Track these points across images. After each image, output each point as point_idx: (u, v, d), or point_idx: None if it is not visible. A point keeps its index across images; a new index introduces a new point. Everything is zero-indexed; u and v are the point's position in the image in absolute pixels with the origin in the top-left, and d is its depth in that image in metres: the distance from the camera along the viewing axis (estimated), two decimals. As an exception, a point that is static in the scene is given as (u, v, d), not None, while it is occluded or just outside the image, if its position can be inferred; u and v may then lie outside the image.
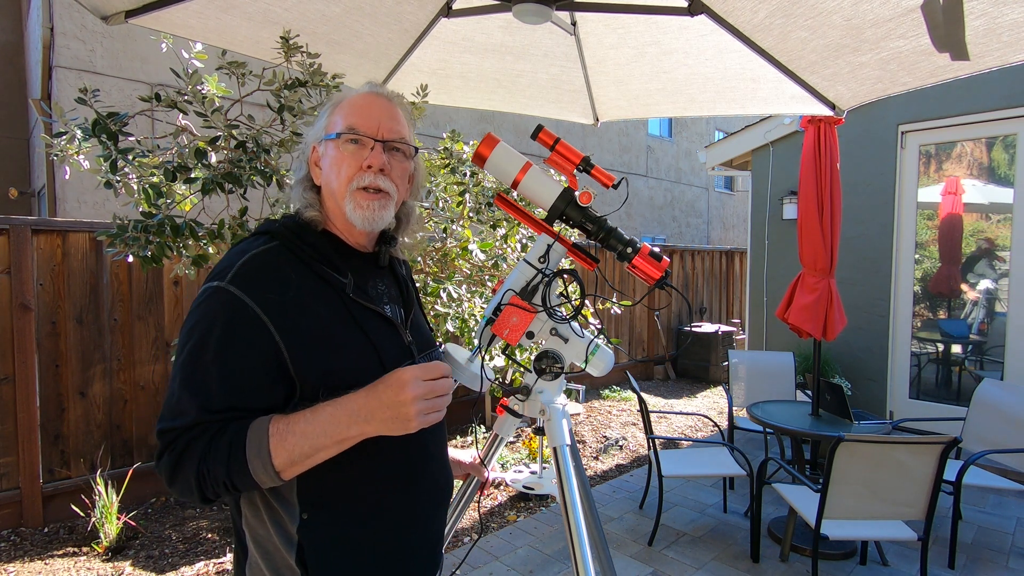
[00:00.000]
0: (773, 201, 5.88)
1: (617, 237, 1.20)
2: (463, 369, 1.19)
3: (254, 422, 0.89)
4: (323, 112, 1.09)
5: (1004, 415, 3.33)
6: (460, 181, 3.03)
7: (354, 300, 1.02)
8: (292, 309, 0.94)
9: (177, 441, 0.88)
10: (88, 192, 6.67)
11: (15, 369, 3.30)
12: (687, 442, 5.04)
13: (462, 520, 1.66)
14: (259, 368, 0.91)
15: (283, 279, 0.96)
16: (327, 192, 1.05)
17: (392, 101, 1.08)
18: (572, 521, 1.13)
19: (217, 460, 0.87)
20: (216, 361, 0.89)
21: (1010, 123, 4.49)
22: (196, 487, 0.88)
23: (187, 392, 0.89)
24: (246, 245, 1.01)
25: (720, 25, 1.88)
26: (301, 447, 0.88)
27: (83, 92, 1.89)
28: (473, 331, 3.14)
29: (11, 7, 8.80)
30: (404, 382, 0.89)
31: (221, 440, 0.88)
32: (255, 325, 0.91)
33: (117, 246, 2.01)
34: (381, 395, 0.90)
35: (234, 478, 0.87)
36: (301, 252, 1.00)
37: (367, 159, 1.02)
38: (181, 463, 0.88)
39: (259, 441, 0.87)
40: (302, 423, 0.89)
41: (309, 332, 0.95)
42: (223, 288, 0.92)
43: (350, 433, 0.90)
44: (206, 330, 0.91)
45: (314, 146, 1.08)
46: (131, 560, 3.05)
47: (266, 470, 0.87)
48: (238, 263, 0.95)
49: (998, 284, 4.79)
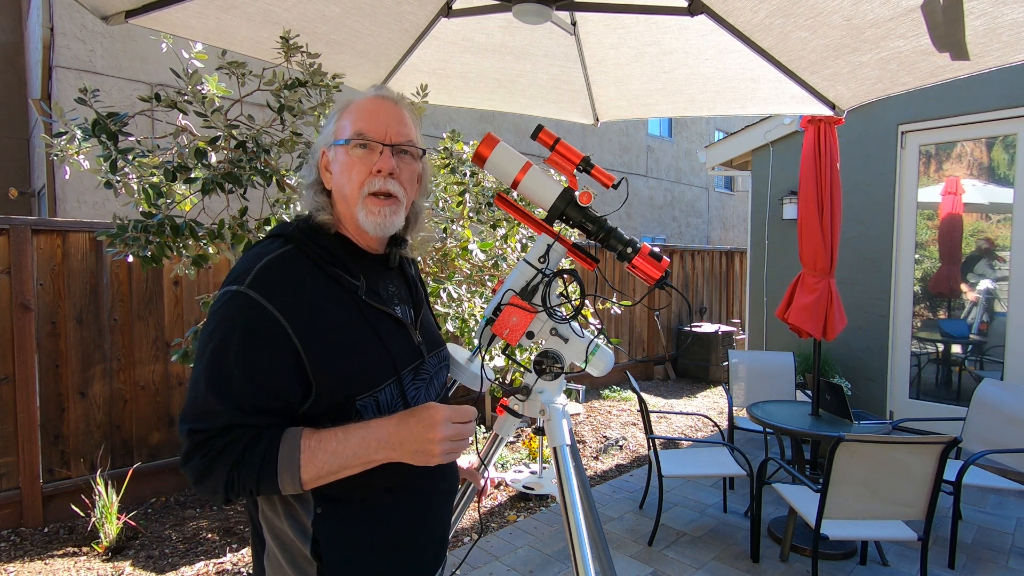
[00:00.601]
0: (773, 201, 5.88)
1: (617, 237, 1.20)
2: (463, 369, 1.19)
3: (286, 433, 0.93)
4: (331, 117, 1.10)
5: (1004, 415, 3.33)
6: (460, 181, 3.03)
7: (366, 303, 1.04)
8: (308, 312, 0.96)
9: (211, 443, 0.90)
10: (88, 192, 6.66)
11: (15, 369, 3.30)
12: (687, 442, 5.03)
13: (462, 520, 1.66)
14: (280, 369, 0.94)
15: (299, 282, 0.98)
16: (338, 196, 1.07)
17: (399, 104, 1.09)
18: (572, 521, 1.13)
19: (250, 468, 0.90)
20: (239, 363, 0.91)
21: (1010, 123, 4.49)
22: (223, 490, 0.92)
23: (213, 393, 0.91)
24: (262, 249, 1.03)
25: (720, 25, 1.88)
26: (330, 465, 0.92)
27: (83, 92, 1.89)
28: (473, 331, 3.14)
29: (11, 7, 8.80)
30: (436, 422, 0.94)
31: (255, 450, 0.91)
32: (274, 328, 0.93)
33: (117, 246, 2.01)
34: (412, 428, 0.94)
35: (261, 485, 0.92)
36: (315, 255, 1.02)
37: (377, 164, 1.04)
38: (214, 466, 0.90)
39: (291, 455, 0.91)
40: (333, 442, 0.93)
41: (325, 335, 0.97)
42: (242, 292, 0.94)
43: (376, 457, 0.95)
44: (227, 333, 0.93)
45: (323, 151, 1.09)
46: (131, 560, 3.05)
47: (293, 482, 0.91)
48: (256, 267, 0.97)
49: (998, 284, 4.79)
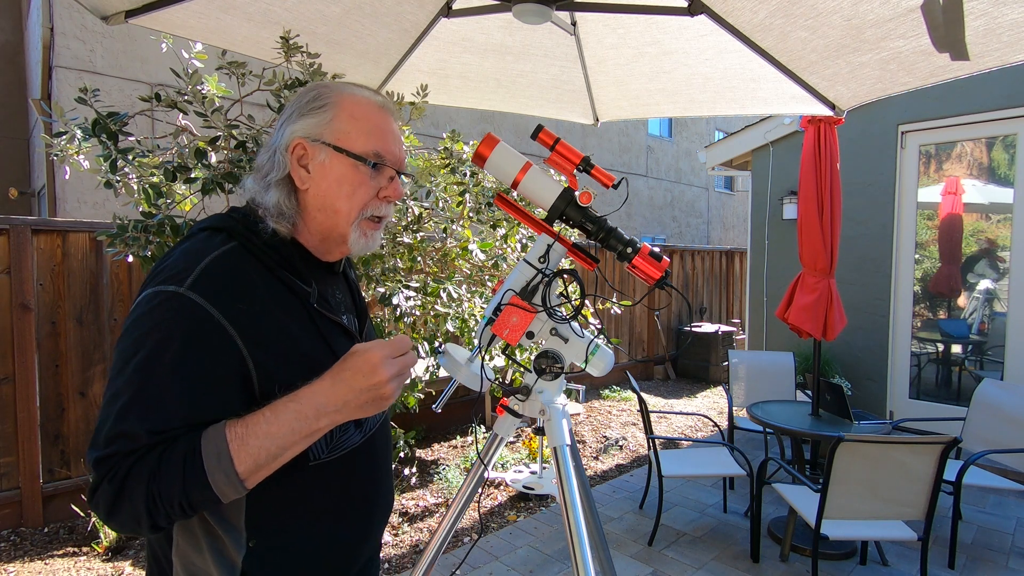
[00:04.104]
0: (773, 201, 5.88)
1: (617, 237, 1.20)
2: (463, 369, 1.19)
3: (205, 431, 0.80)
4: (317, 106, 0.96)
5: (1004, 415, 3.33)
6: (460, 181, 3.02)
7: (317, 311, 0.95)
8: (260, 321, 0.86)
9: (119, 467, 0.76)
10: (88, 192, 6.67)
11: (15, 369, 3.30)
12: (687, 442, 5.04)
13: (462, 520, 1.66)
14: (222, 385, 0.82)
15: (248, 286, 0.87)
16: (319, 204, 0.95)
17: (397, 119, 1.02)
18: (572, 521, 1.13)
19: (170, 477, 0.76)
20: (175, 376, 0.79)
21: (1010, 123, 4.49)
22: (146, 513, 0.76)
23: (134, 414, 0.77)
24: (200, 244, 0.89)
25: (720, 25, 1.88)
26: (267, 448, 0.80)
27: (83, 92, 1.89)
28: (473, 331, 3.14)
29: (11, 7, 8.80)
30: (375, 364, 0.84)
31: (172, 454, 0.77)
32: (221, 338, 0.82)
33: (117, 246, 2.01)
34: (352, 382, 0.84)
35: (191, 494, 0.77)
36: (264, 256, 0.91)
37: (385, 190, 0.97)
38: (125, 488, 0.76)
39: (217, 449, 0.78)
40: (263, 424, 0.80)
41: (277, 346, 0.87)
42: (181, 294, 0.81)
43: (319, 425, 0.83)
44: (161, 342, 0.79)
45: (299, 141, 0.93)
46: (131, 560, 3.04)
47: (229, 479, 0.78)
48: (198, 266, 0.84)
49: (998, 284, 4.79)
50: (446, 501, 3.75)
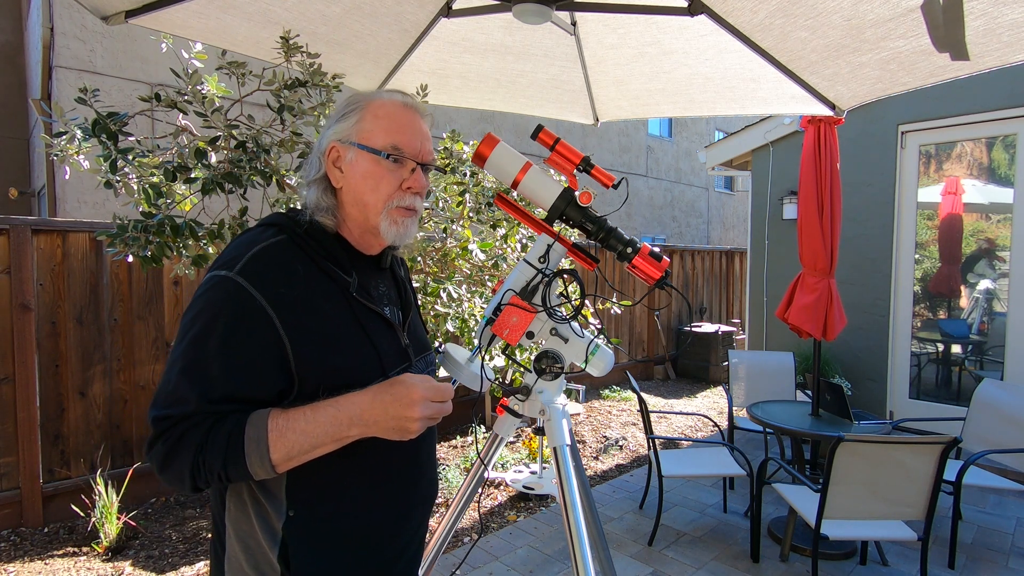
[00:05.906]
0: (773, 201, 5.88)
1: (617, 237, 1.20)
2: (463, 369, 1.19)
3: (252, 415, 0.89)
4: (348, 111, 1.05)
5: (1004, 415, 3.33)
6: (460, 181, 3.02)
7: (357, 300, 1.02)
8: (298, 305, 0.94)
9: (173, 429, 0.87)
10: (88, 192, 6.66)
11: (15, 369, 3.30)
12: (687, 442, 5.03)
13: (462, 520, 1.66)
14: (261, 362, 0.91)
15: (291, 274, 0.95)
16: (353, 200, 1.03)
17: (424, 117, 1.08)
18: (572, 521, 1.13)
19: (215, 451, 0.87)
20: (220, 351, 0.89)
21: (1010, 123, 4.49)
22: (189, 476, 0.88)
23: (187, 380, 0.88)
24: (254, 236, 0.99)
25: (720, 25, 1.88)
26: (300, 444, 0.89)
27: (83, 92, 1.89)
28: (473, 331, 3.14)
29: (11, 7, 8.80)
30: (414, 401, 0.91)
31: (219, 431, 0.87)
32: (261, 319, 0.90)
33: (117, 246, 2.01)
34: (388, 407, 0.91)
35: (229, 469, 0.88)
36: (309, 248, 0.99)
37: (407, 181, 1.03)
38: (176, 452, 0.87)
39: (258, 435, 0.87)
40: (302, 421, 0.89)
41: (313, 330, 0.94)
42: (230, 278, 0.91)
43: (350, 433, 0.92)
44: (211, 319, 0.90)
45: (334, 145, 1.03)
46: (131, 560, 3.04)
47: (263, 463, 0.88)
48: (247, 254, 0.94)
49: (998, 284, 4.79)
50: (446, 501, 3.74)
